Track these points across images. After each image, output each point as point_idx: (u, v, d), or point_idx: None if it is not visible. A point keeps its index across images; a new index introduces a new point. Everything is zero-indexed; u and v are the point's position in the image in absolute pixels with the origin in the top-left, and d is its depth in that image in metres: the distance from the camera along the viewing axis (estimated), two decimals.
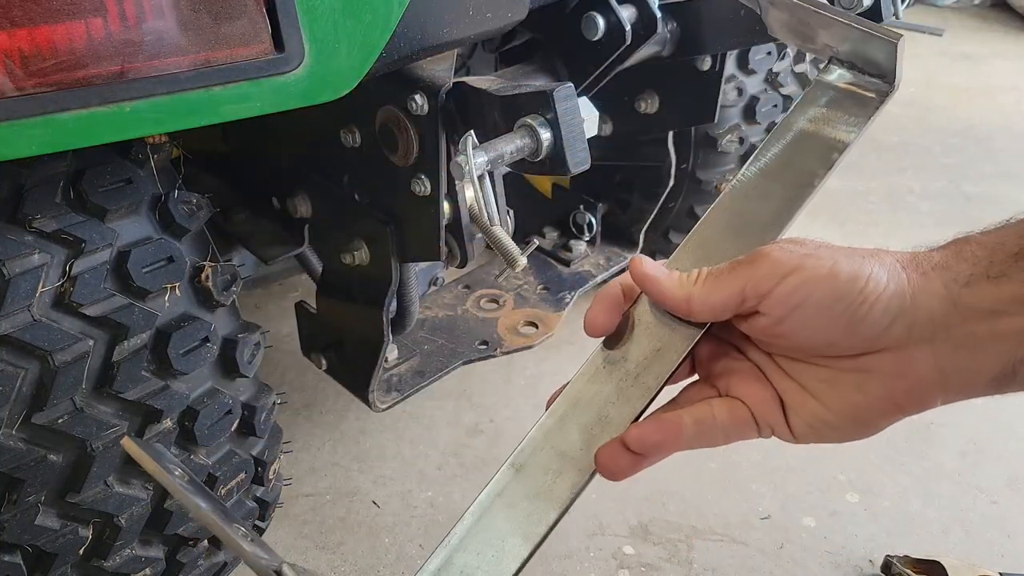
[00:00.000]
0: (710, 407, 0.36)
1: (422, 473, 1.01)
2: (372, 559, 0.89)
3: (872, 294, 0.31)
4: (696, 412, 0.35)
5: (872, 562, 0.90)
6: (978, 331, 0.31)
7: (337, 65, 0.48)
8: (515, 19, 0.60)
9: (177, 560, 0.64)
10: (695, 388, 0.38)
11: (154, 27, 0.42)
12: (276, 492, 0.74)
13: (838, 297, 0.31)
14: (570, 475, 0.35)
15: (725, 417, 0.35)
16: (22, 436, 0.50)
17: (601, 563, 0.89)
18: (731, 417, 0.35)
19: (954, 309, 0.31)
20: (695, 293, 0.34)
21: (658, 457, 0.35)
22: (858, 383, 0.33)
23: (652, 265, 0.36)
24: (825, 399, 0.33)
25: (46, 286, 0.49)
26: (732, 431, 0.35)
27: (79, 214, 0.51)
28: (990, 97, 2.28)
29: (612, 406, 0.36)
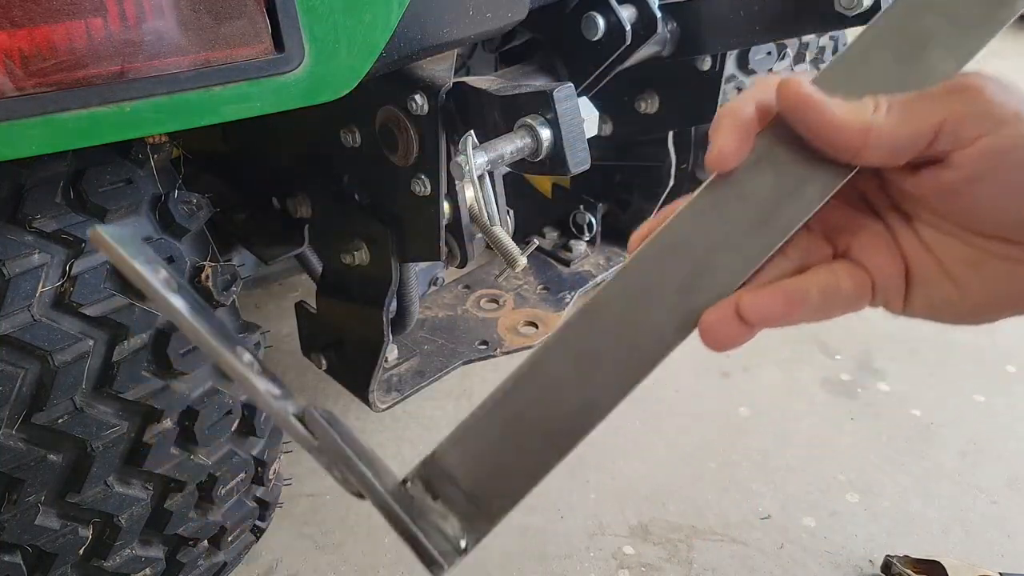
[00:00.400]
0: (835, 275, 0.30)
1: None
2: (372, 559, 0.89)
3: None
4: (821, 281, 0.29)
5: (872, 562, 0.90)
6: None
7: (337, 65, 0.48)
8: (515, 19, 0.60)
9: (177, 560, 0.64)
10: (808, 242, 0.31)
11: (154, 27, 0.42)
12: (276, 492, 0.74)
13: None
14: (662, 333, 0.28)
15: (850, 288, 0.29)
16: (22, 436, 0.50)
17: (601, 563, 0.89)
18: (855, 288, 0.29)
19: None
20: (879, 123, 0.26)
21: (768, 327, 0.29)
22: (1010, 273, 0.27)
23: (812, 87, 0.28)
24: (965, 284, 0.28)
25: (46, 286, 0.49)
26: (851, 303, 0.30)
27: (79, 214, 0.51)
28: None
29: (722, 255, 0.29)
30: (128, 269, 0.25)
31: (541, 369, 0.29)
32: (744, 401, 1.13)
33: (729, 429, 1.10)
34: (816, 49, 1.11)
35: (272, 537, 0.90)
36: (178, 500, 0.60)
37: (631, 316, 0.29)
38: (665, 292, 0.29)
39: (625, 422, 1.10)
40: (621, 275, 0.30)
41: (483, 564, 0.89)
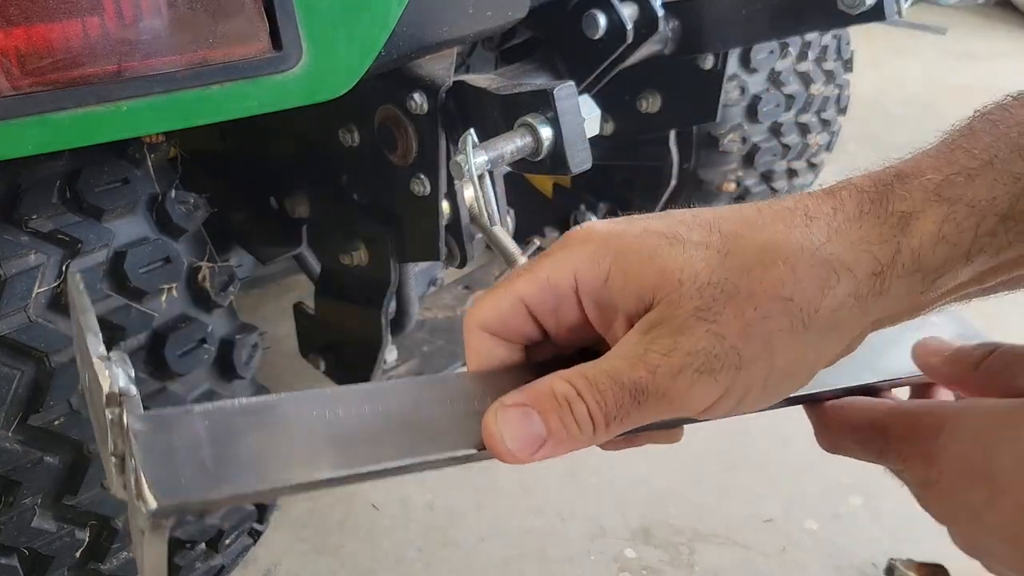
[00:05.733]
0: None
1: (421, 476, 1.00)
2: (371, 562, 0.89)
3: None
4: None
5: (875, 565, 0.89)
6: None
7: (335, 64, 0.48)
8: (515, 17, 0.60)
9: (174, 563, 0.64)
10: None
11: (151, 26, 0.42)
12: None
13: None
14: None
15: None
16: (18, 438, 0.49)
17: (602, 566, 0.89)
18: None
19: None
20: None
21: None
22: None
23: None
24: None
25: (42, 287, 0.48)
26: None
27: (75, 214, 0.50)
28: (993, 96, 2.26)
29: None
30: (79, 326, 0.23)
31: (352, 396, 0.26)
32: None
33: (731, 431, 1.09)
34: (819, 48, 1.10)
35: (271, 540, 0.89)
36: None
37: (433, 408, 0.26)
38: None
39: None
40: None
41: (483, 567, 0.89)
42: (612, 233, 0.25)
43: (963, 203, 0.22)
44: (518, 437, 0.24)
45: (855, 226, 0.23)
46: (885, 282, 0.23)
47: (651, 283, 0.23)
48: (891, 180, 0.23)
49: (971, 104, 0.26)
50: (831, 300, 0.22)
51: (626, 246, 0.24)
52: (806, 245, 0.22)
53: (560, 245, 0.26)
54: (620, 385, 0.23)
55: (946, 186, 0.23)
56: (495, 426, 0.24)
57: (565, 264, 0.25)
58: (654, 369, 0.22)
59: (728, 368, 0.22)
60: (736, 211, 0.24)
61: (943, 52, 2.66)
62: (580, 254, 0.25)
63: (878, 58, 2.54)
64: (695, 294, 0.22)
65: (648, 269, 0.23)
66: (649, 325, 0.23)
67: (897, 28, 2.82)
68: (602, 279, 0.24)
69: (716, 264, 0.23)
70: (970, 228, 0.22)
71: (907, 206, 0.23)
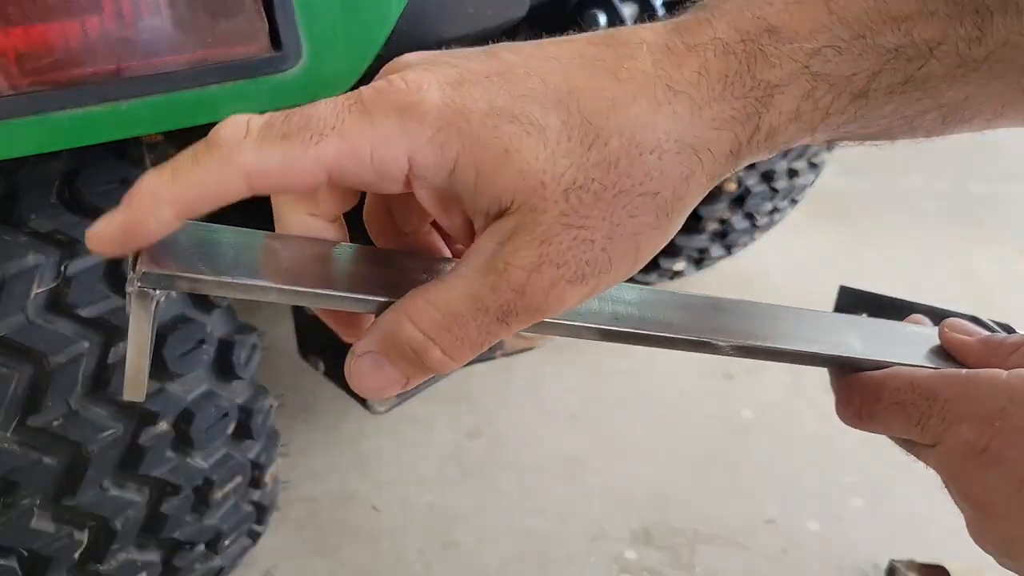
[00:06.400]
0: None
1: (421, 477, 1.00)
2: (371, 563, 0.88)
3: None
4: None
5: (877, 566, 0.89)
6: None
7: (335, 63, 0.48)
8: (515, 16, 0.60)
9: (173, 564, 0.63)
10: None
11: (150, 25, 0.42)
12: (273, 496, 0.74)
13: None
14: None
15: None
16: (16, 439, 0.49)
17: (603, 567, 0.88)
18: None
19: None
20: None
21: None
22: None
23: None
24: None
25: (41, 287, 0.48)
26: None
27: (74, 214, 0.50)
28: None
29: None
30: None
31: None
32: (747, 404, 1.13)
33: (732, 432, 1.09)
34: None
35: (269, 541, 0.89)
36: (174, 504, 0.60)
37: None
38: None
39: (627, 425, 1.09)
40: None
41: (482, 568, 0.88)
42: (454, 110, 0.20)
43: (826, 80, 0.21)
44: (376, 385, 0.22)
45: (718, 99, 0.21)
46: (739, 160, 0.22)
47: (509, 184, 0.20)
48: (762, 37, 0.21)
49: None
50: (693, 187, 0.21)
51: (475, 133, 0.20)
52: (671, 130, 0.20)
53: (383, 107, 0.20)
54: (483, 311, 0.20)
55: (816, 59, 0.21)
56: (352, 373, 0.22)
57: (396, 142, 0.20)
58: (521, 288, 0.20)
59: (599, 272, 0.21)
60: (593, 78, 0.21)
61: None
62: (417, 133, 0.20)
63: None
64: (560, 198, 0.20)
65: (505, 168, 0.20)
66: (508, 233, 0.20)
67: None
68: (447, 169, 0.20)
69: (580, 159, 0.20)
70: (824, 106, 0.21)
71: (775, 76, 0.21)
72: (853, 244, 1.62)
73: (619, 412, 1.11)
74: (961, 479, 0.26)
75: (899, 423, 0.27)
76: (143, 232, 0.20)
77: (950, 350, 0.29)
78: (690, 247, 1.21)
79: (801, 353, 0.28)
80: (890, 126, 0.23)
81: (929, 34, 0.21)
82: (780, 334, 0.28)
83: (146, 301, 0.21)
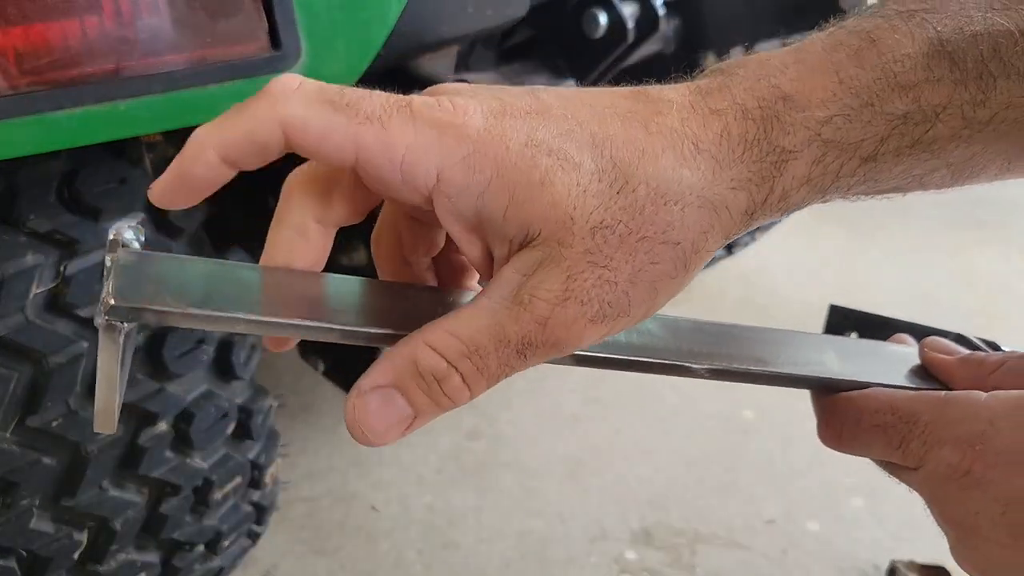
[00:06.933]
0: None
1: (421, 477, 1.00)
2: (370, 564, 0.88)
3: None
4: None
5: (877, 567, 0.89)
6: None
7: (334, 63, 0.48)
8: (515, 16, 0.59)
9: (172, 565, 0.63)
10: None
11: (149, 25, 0.42)
12: (273, 496, 0.74)
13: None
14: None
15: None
16: (16, 439, 0.49)
17: (603, 568, 0.88)
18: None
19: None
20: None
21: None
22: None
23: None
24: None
25: (40, 287, 0.48)
26: None
27: (73, 214, 0.50)
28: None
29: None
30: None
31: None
32: (748, 404, 1.12)
33: (733, 432, 1.09)
34: None
35: (268, 541, 0.89)
36: (173, 504, 0.60)
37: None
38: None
39: (627, 425, 1.09)
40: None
41: (482, 569, 0.88)
42: (494, 136, 0.20)
43: (836, 146, 0.22)
44: (384, 423, 0.21)
45: (738, 161, 0.22)
46: (753, 220, 0.23)
47: (540, 214, 0.20)
48: (778, 104, 0.22)
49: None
50: (710, 242, 0.22)
51: (512, 161, 0.20)
52: (694, 185, 0.21)
53: (427, 119, 0.20)
54: (505, 343, 0.21)
55: (828, 127, 0.22)
56: (353, 418, 0.21)
57: (430, 154, 0.20)
58: (544, 321, 0.20)
59: (621, 315, 0.21)
60: (626, 128, 0.21)
61: None
62: (452, 151, 0.20)
63: None
64: (587, 235, 0.20)
65: (538, 198, 0.20)
66: (533, 265, 0.21)
67: None
68: (476, 191, 0.21)
69: (608, 201, 0.20)
70: (834, 171, 0.22)
71: (789, 142, 0.22)
72: (853, 244, 1.62)
73: (619, 412, 1.11)
74: (944, 502, 0.25)
75: (879, 446, 0.26)
76: (193, 178, 0.21)
77: (931, 369, 0.29)
78: None
79: (778, 375, 0.27)
80: (900, 184, 0.23)
81: (935, 100, 0.21)
82: (757, 356, 0.27)
83: (113, 334, 0.21)
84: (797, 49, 0.23)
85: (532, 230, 0.21)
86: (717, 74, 0.23)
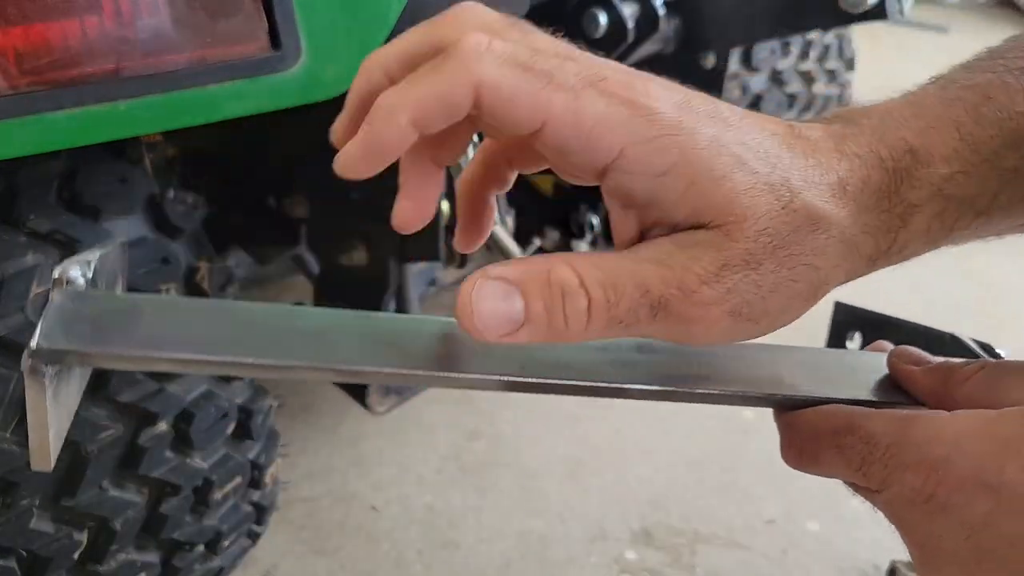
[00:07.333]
0: None
1: (421, 477, 1.00)
2: (370, 564, 0.88)
3: None
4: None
5: (877, 567, 0.89)
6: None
7: (335, 63, 0.48)
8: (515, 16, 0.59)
9: (172, 565, 0.63)
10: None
11: (149, 25, 0.42)
12: (273, 496, 0.74)
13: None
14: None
15: None
16: (16, 439, 0.49)
17: (603, 568, 0.88)
18: None
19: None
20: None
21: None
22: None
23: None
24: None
25: (40, 287, 0.48)
26: None
27: (73, 214, 0.50)
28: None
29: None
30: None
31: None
32: None
33: (733, 432, 1.09)
34: (821, 47, 1.10)
35: (268, 542, 0.89)
36: (173, 504, 0.60)
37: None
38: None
39: (627, 425, 1.09)
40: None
41: (482, 569, 0.88)
42: (681, 126, 0.21)
43: (955, 200, 0.23)
44: (491, 315, 0.21)
45: (873, 209, 0.23)
46: (874, 265, 0.24)
47: (715, 204, 0.21)
48: (907, 158, 0.23)
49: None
50: (838, 278, 0.23)
51: (696, 152, 0.21)
52: (840, 222, 0.22)
53: (620, 97, 0.21)
54: (643, 292, 0.21)
55: (950, 184, 0.23)
56: (468, 297, 0.21)
57: (619, 130, 0.21)
58: (688, 291, 0.21)
59: (751, 319, 0.22)
60: (792, 154, 0.23)
61: (945, 51, 2.65)
62: (642, 131, 0.21)
63: (880, 57, 2.53)
64: (752, 236, 0.21)
65: (716, 190, 0.21)
66: (694, 242, 0.21)
67: (899, 27, 2.82)
68: (656, 172, 0.21)
69: (776, 213, 0.21)
70: (950, 225, 0.23)
71: (915, 197, 0.23)
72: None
73: (619, 412, 1.11)
74: (908, 524, 0.24)
75: (840, 467, 0.25)
76: (383, 144, 0.22)
77: (899, 381, 0.28)
78: None
79: (727, 395, 0.26)
80: (1002, 231, 0.25)
81: None
82: (706, 375, 0.26)
83: (38, 377, 0.21)
84: (912, 103, 0.24)
85: (703, 218, 0.21)
86: (841, 120, 0.24)
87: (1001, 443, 0.22)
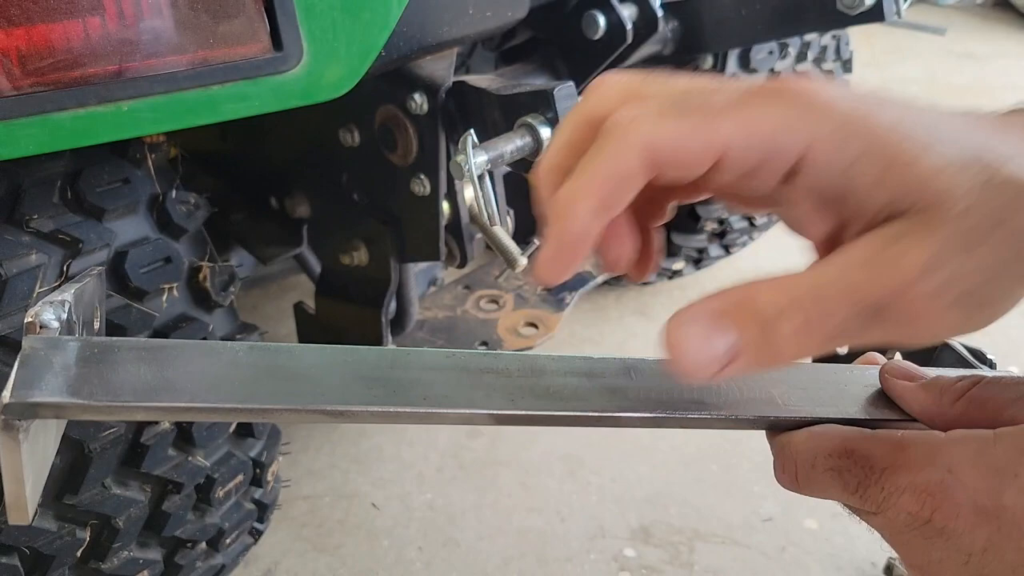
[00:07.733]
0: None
1: (421, 475, 1.00)
2: (371, 562, 0.89)
3: None
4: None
5: (874, 564, 0.89)
6: None
7: (336, 64, 0.48)
8: (515, 17, 0.60)
9: (175, 562, 0.64)
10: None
11: (152, 26, 0.42)
12: (275, 494, 0.74)
13: None
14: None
15: None
16: None
17: (602, 566, 0.89)
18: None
19: None
20: None
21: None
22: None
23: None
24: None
25: (43, 286, 0.48)
26: None
27: (76, 214, 0.50)
28: (992, 96, 2.27)
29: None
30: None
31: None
32: None
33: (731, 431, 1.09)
34: (818, 48, 1.10)
35: (270, 539, 0.89)
36: (176, 502, 0.60)
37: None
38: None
39: None
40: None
41: (482, 566, 0.89)
42: (859, 115, 0.20)
43: None
44: (702, 349, 0.20)
45: None
46: None
47: (912, 187, 0.19)
48: None
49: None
50: None
51: (881, 138, 0.20)
52: None
53: (785, 99, 0.20)
54: (855, 300, 0.19)
55: None
56: (677, 333, 0.20)
57: (799, 129, 0.20)
58: (904, 289, 0.19)
59: (971, 308, 0.20)
60: (992, 132, 0.21)
61: (942, 52, 2.66)
62: (820, 125, 0.20)
63: (877, 59, 2.54)
64: (956, 217, 0.19)
65: (908, 174, 0.20)
66: (896, 236, 0.19)
67: (896, 29, 2.82)
68: (844, 164, 0.20)
69: (976, 189, 0.19)
70: None
71: None
72: None
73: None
74: (906, 548, 0.24)
75: (837, 491, 0.24)
76: (572, 238, 0.21)
77: (892, 398, 0.27)
78: (688, 247, 1.21)
79: (719, 419, 0.25)
80: None
81: None
82: (696, 399, 0.25)
83: (12, 433, 0.20)
84: None
85: (901, 204, 0.20)
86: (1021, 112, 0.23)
87: (997, 467, 0.21)
